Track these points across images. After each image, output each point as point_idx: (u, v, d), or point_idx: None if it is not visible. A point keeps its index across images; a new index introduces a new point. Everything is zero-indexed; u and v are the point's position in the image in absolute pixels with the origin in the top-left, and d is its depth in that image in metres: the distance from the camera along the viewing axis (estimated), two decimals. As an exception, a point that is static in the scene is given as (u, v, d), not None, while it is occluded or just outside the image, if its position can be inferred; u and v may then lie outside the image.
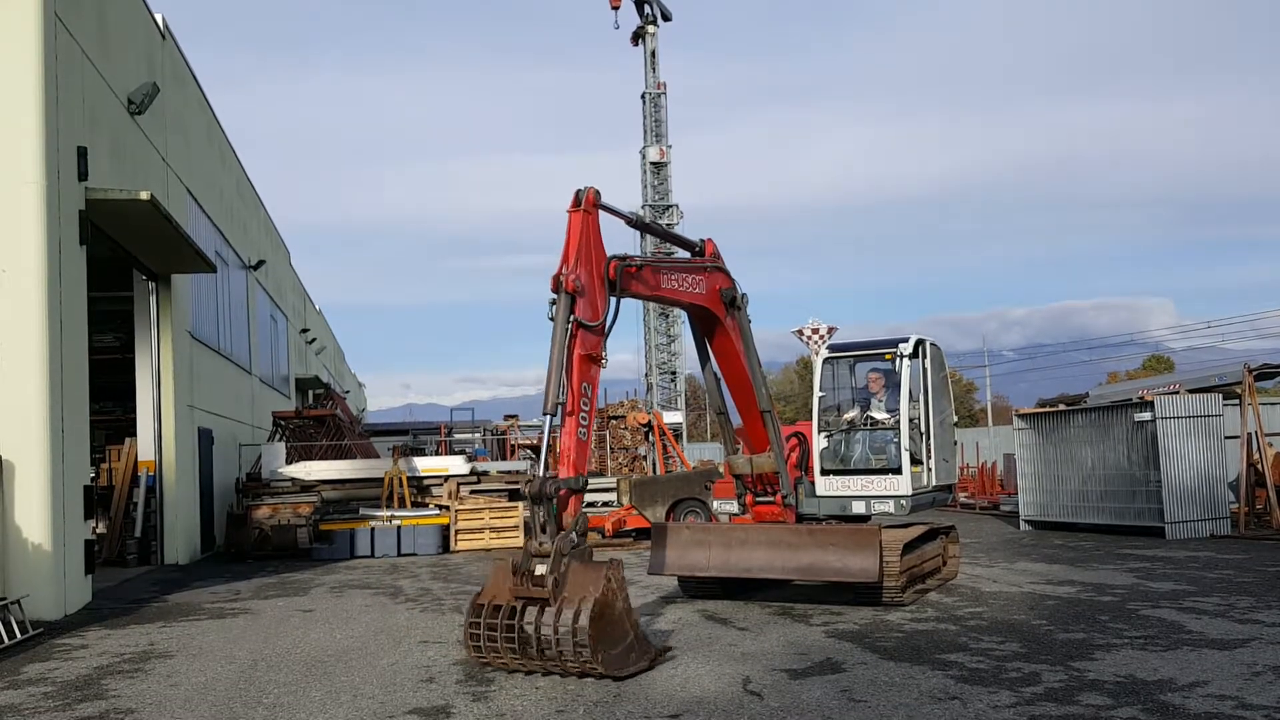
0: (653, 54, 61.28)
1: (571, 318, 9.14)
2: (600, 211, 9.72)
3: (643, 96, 61.02)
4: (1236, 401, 20.32)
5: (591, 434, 9.57)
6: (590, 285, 9.36)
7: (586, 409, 9.25)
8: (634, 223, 11.21)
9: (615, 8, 58.70)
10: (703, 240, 12.26)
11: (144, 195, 14.46)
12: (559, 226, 9.66)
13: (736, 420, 13.06)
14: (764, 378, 12.72)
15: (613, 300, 9.70)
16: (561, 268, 9.29)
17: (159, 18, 19.02)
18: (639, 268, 10.22)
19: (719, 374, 12.64)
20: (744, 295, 12.34)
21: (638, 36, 62.44)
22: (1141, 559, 15.71)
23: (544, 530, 8.62)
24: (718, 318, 12.06)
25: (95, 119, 14.81)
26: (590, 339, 9.29)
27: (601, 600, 8.17)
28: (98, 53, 15.02)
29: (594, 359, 9.33)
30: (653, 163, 61.40)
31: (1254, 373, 20.29)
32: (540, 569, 8.30)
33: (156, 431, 19.39)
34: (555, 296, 9.22)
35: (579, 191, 9.57)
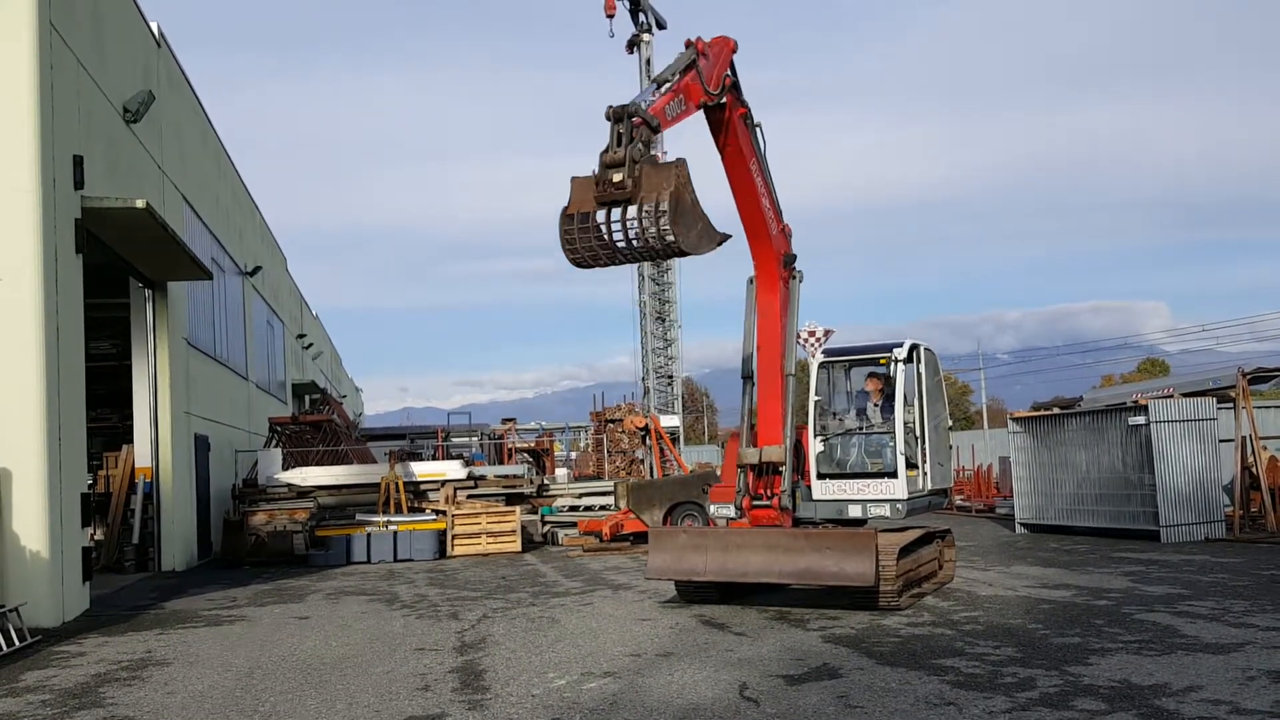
0: (648, 62, 61.28)
1: None
2: None
3: (638, 102, 61.05)
4: (1231, 405, 20.37)
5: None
6: None
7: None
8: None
9: (610, 15, 58.69)
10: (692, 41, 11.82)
11: (140, 203, 14.48)
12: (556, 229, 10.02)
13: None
14: (794, 342, 12.97)
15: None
16: None
17: (154, 26, 19.05)
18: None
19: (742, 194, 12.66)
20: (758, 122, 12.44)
21: (633, 44, 62.47)
22: (1136, 562, 15.76)
23: (618, 143, 9.89)
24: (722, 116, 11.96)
25: (91, 127, 14.84)
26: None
27: (675, 192, 9.65)
28: (93, 61, 15.04)
29: None
30: (649, 167, 61.51)
31: (1248, 376, 20.34)
32: (618, 176, 9.73)
33: (153, 438, 19.40)
34: None
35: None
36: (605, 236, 9.92)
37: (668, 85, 10.99)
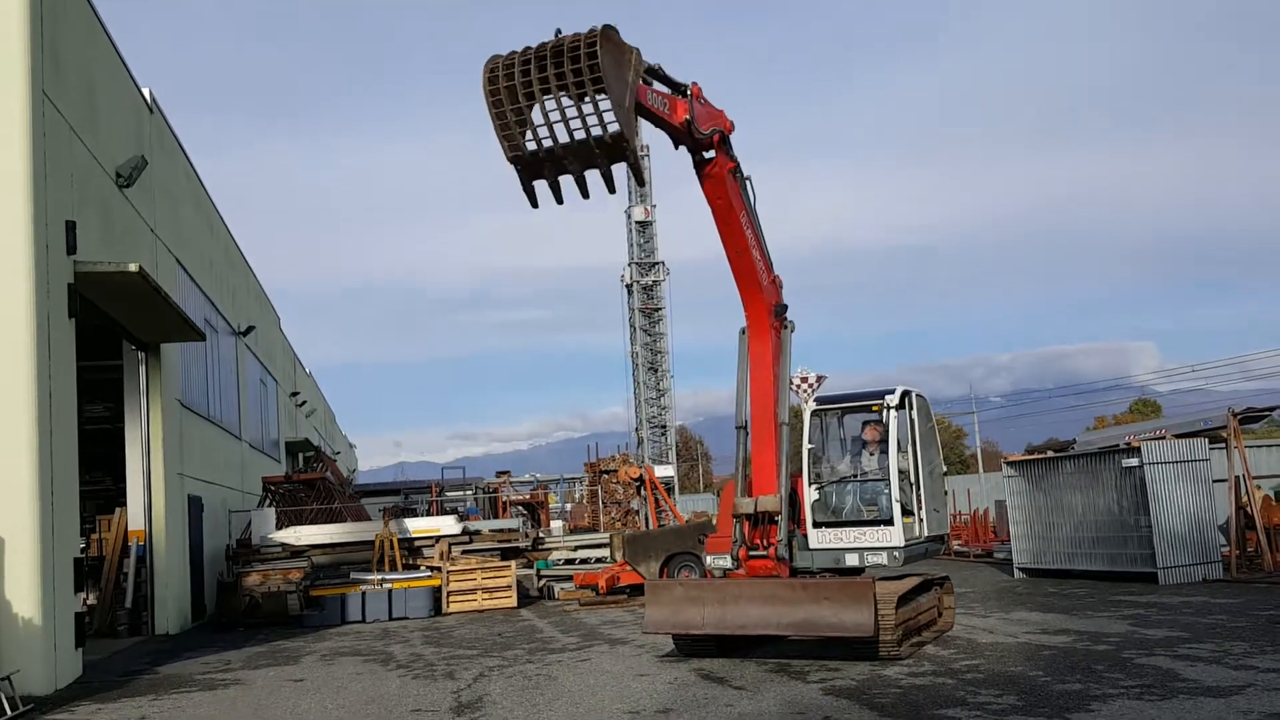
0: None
1: None
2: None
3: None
4: (1223, 445, 20.44)
5: None
6: None
7: None
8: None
9: None
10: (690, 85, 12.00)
11: (132, 267, 14.56)
12: (546, 281, 9.98)
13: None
14: (787, 389, 12.96)
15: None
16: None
17: (146, 92, 19.26)
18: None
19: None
20: (749, 178, 12.59)
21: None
22: (1135, 605, 15.71)
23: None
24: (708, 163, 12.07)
25: (84, 193, 14.95)
26: None
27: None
28: (86, 128, 15.20)
29: None
30: (638, 222, 62.04)
31: (1238, 416, 20.43)
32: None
33: (146, 501, 19.30)
34: None
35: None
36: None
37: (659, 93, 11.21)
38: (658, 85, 11.33)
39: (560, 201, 10.58)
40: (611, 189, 10.48)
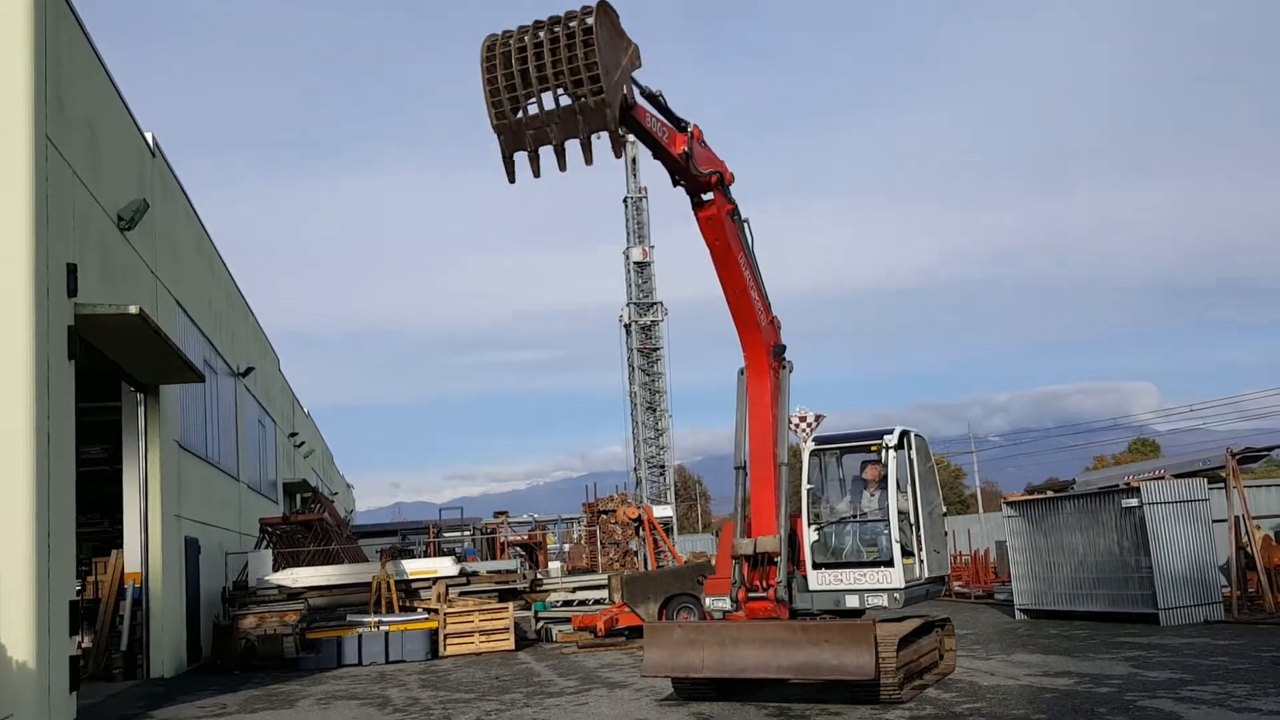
0: (634, 160, 62.60)
1: None
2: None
3: (625, 201, 62.17)
4: (1222, 485, 20.42)
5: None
6: None
7: None
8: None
9: None
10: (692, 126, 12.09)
11: (133, 309, 14.61)
12: (545, 322, 9.95)
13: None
14: (786, 430, 12.96)
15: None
16: None
17: (149, 136, 19.42)
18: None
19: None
20: (747, 220, 12.72)
21: (618, 146, 63.76)
22: (1137, 647, 15.63)
23: None
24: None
25: (85, 236, 15.04)
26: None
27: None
28: (88, 172, 15.31)
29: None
30: (636, 262, 62.34)
31: (1237, 457, 20.43)
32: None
33: (143, 543, 19.22)
34: None
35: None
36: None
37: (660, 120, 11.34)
38: (658, 114, 11.48)
39: (537, 174, 10.59)
40: (588, 160, 10.51)
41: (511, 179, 10.63)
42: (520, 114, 10.15)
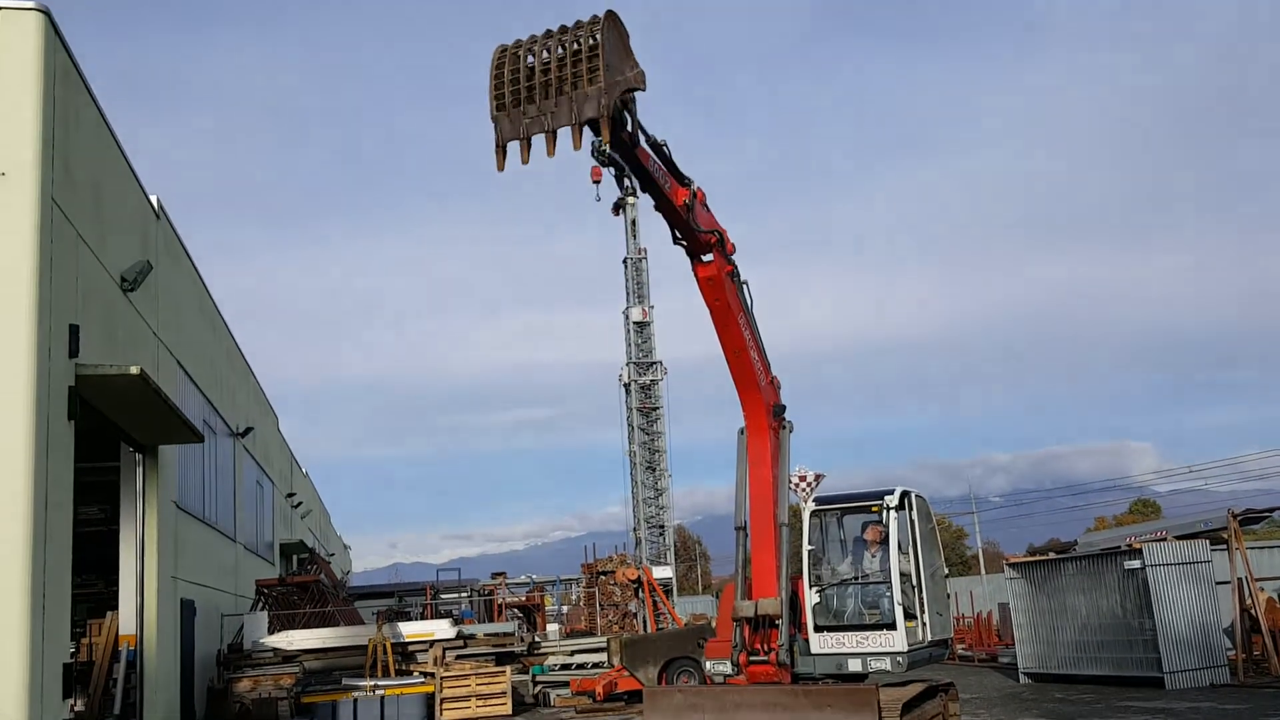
0: (633, 222, 63.26)
1: None
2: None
3: (624, 261, 62.68)
4: (1224, 547, 20.34)
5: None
6: None
7: None
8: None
9: (596, 181, 60.76)
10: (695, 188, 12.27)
11: (134, 370, 14.62)
12: (544, 381, 9.99)
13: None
14: (787, 490, 12.91)
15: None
16: None
17: (154, 199, 19.61)
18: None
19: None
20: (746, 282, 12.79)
21: (618, 207, 64.51)
22: (1143, 712, 15.44)
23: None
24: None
25: (88, 297, 15.12)
26: None
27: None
28: (93, 234, 15.44)
29: None
30: (635, 322, 62.63)
31: (1238, 518, 20.37)
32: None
33: (138, 604, 19.04)
34: None
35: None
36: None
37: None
38: (660, 163, 11.67)
39: (525, 161, 10.73)
40: (577, 144, 10.67)
41: (501, 167, 10.78)
42: (519, 105, 10.38)
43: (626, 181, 11.72)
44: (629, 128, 10.81)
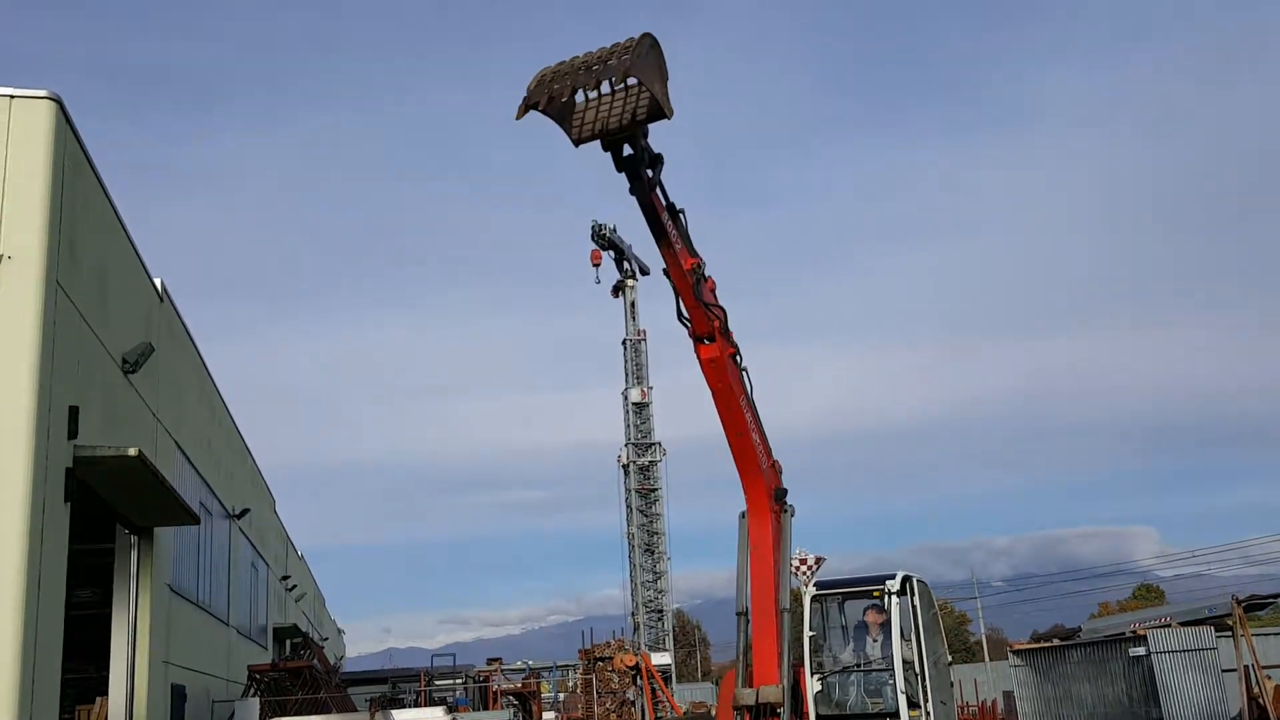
0: (632, 304, 63.72)
1: None
2: None
3: (624, 343, 62.95)
4: (1229, 633, 20.09)
5: None
6: None
7: None
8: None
9: (596, 264, 61.48)
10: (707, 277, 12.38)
11: (132, 451, 14.60)
12: (541, 462, 10.00)
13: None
14: (788, 575, 12.78)
15: None
16: None
17: (158, 282, 19.79)
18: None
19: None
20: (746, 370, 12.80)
21: (618, 289, 65.11)
22: (1153, 804, 15.11)
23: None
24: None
25: (89, 379, 15.16)
26: None
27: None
28: (95, 316, 15.55)
29: None
30: (634, 403, 62.66)
31: (1243, 604, 20.16)
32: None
33: (128, 691, 18.71)
34: None
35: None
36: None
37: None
38: (675, 228, 11.82)
39: (542, 107, 10.68)
40: (579, 139, 10.79)
41: (519, 117, 10.69)
42: (557, 85, 10.44)
43: (626, 264, 11.91)
44: (646, 164, 10.94)
